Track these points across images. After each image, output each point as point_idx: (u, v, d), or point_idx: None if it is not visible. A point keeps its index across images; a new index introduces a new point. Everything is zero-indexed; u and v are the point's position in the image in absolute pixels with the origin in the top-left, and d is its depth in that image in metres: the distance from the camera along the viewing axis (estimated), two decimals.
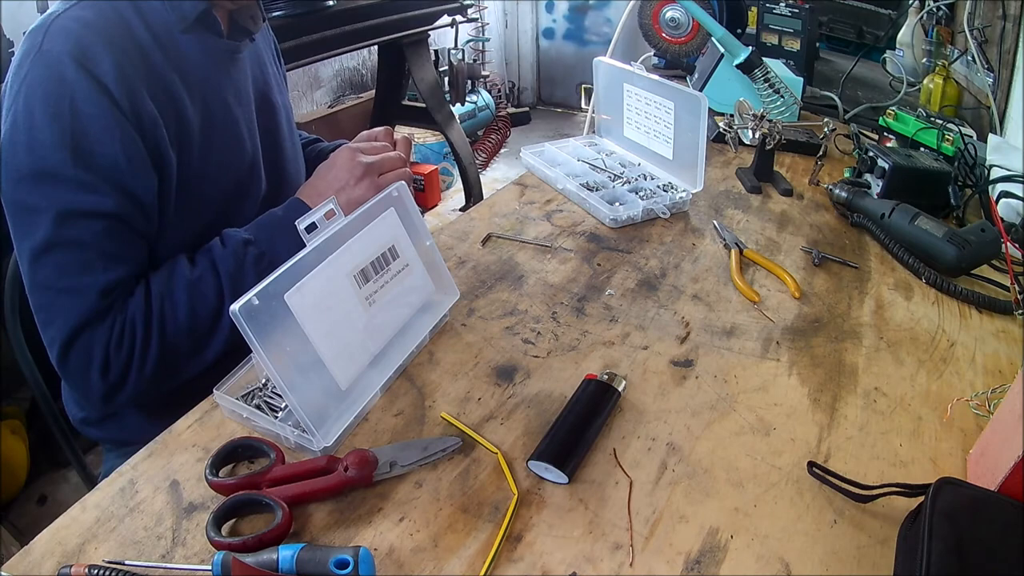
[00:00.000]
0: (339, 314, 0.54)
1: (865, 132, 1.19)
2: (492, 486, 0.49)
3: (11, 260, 0.75)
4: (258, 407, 0.54)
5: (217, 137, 0.68)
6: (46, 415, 0.87)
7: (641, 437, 0.54)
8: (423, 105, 2.63)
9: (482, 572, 0.43)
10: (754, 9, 1.46)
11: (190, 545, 0.44)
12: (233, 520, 0.46)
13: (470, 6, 2.74)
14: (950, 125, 1.08)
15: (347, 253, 0.55)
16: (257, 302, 0.46)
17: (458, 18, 2.68)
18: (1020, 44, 1.16)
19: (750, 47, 1.15)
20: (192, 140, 0.65)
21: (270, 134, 0.79)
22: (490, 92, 3.60)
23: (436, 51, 2.94)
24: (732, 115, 1.02)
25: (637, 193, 0.91)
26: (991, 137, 1.08)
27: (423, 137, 3.05)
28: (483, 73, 3.44)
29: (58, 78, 0.54)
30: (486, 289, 0.71)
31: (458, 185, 2.91)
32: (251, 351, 0.52)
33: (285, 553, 0.41)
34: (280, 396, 0.55)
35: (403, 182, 0.65)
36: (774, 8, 1.45)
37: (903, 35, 1.57)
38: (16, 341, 0.83)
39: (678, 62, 1.59)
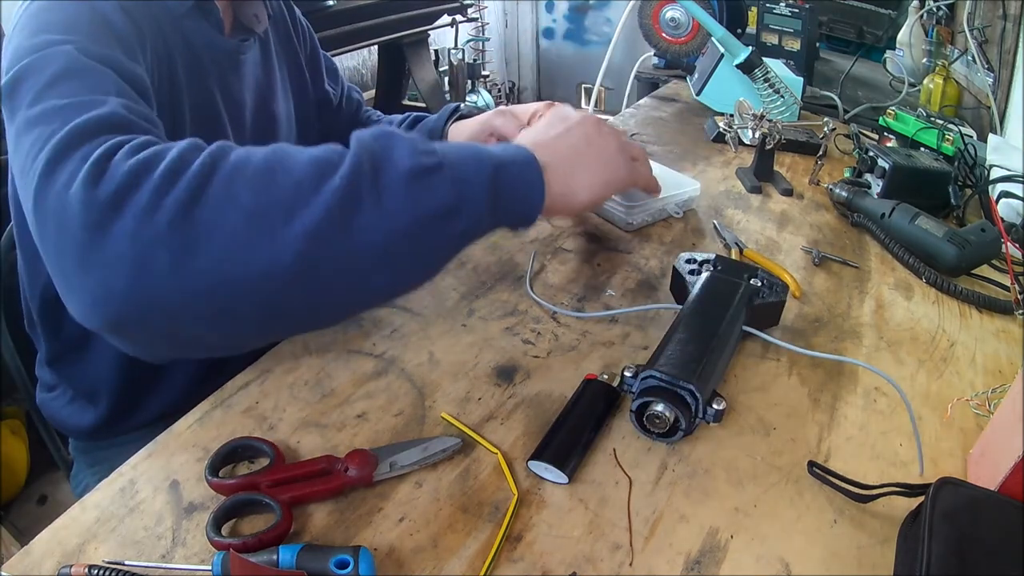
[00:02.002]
0: None
1: (865, 132, 1.19)
2: (492, 486, 0.49)
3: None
4: None
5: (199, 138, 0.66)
6: (37, 424, 0.87)
7: (641, 437, 0.54)
8: (423, 105, 2.63)
9: (482, 572, 0.43)
10: (754, 9, 1.46)
11: (190, 545, 0.44)
12: (233, 520, 0.46)
13: (470, 6, 2.74)
14: (950, 125, 1.08)
15: None
16: None
17: (458, 18, 2.69)
18: (1020, 44, 1.16)
19: (750, 47, 1.15)
20: (175, 134, 0.64)
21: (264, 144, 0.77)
22: (490, 92, 3.60)
23: (436, 51, 2.94)
24: (732, 115, 1.02)
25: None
26: (991, 137, 1.08)
27: None
28: (483, 73, 3.44)
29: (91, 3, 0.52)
30: (486, 289, 0.71)
31: None
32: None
33: (285, 553, 0.41)
34: None
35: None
36: (774, 8, 1.45)
37: (903, 35, 1.57)
38: (5, 346, 0.83)
39: (678, 62, 1.59)
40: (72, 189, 0.39)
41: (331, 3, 1.93)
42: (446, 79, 3.01)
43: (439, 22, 2.58)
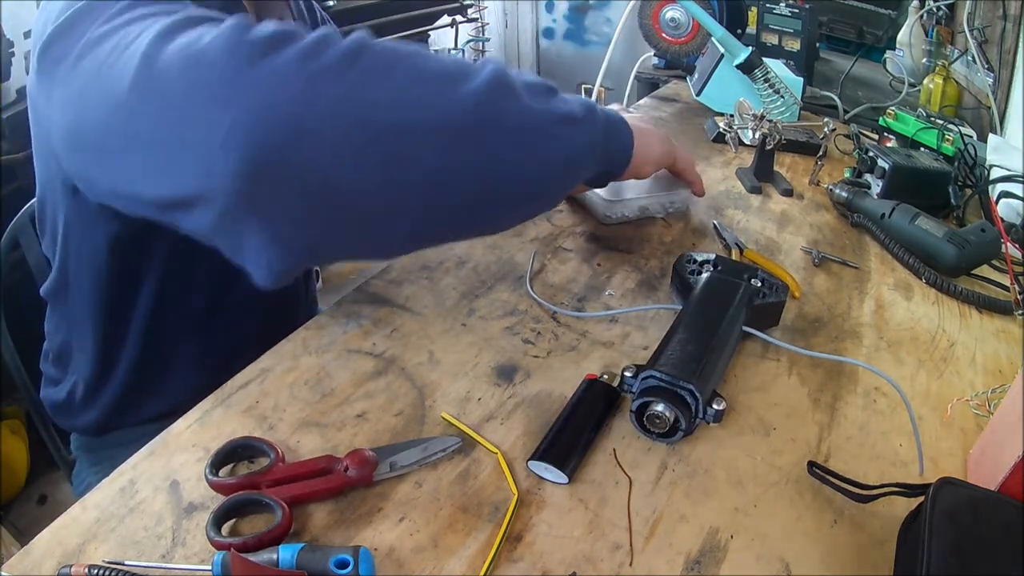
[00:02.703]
0: None
1: (865, 132, 1.19)
2: (492, 486, 0.49)
3: None
4: None
5: None
6: (37, 424, 0.87)
7: (641, 437, 0.54)
8: None
9: (482, 572, 0.43)
10: (754, 9, 1.46)
11: (190, 545, 0.44)
12: (233, 520, 0.46)
13: (470, 6, 2.74)
14: (950, 125, 1.08)
15: None
16: None
17: (458, 18, 2.68)
18: (1020, 44, 1.16)
19: (750, 47, 1.15)
20: None
21: None
22: None
23: (436, 51, 2.94)
24: (732, 115, 1.02)
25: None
26: (991, 137, 1.08)
27: None
28: None
29: None
30: (486, 289, 0.71)
31: None
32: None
33: (285, 553, 0.41)
34: None
35: None
36: (774, 8, 1.45)
37: (903, 35, 1.57)
38: (5, 345, 0.83)
39: (678, 62, 1.59)
40: (207, 39, 0.36)
41: (331, 3, 1.93)
42: None
43: (439, 22, 2.58)
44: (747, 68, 1.15)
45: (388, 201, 0.42)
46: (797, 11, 1.43)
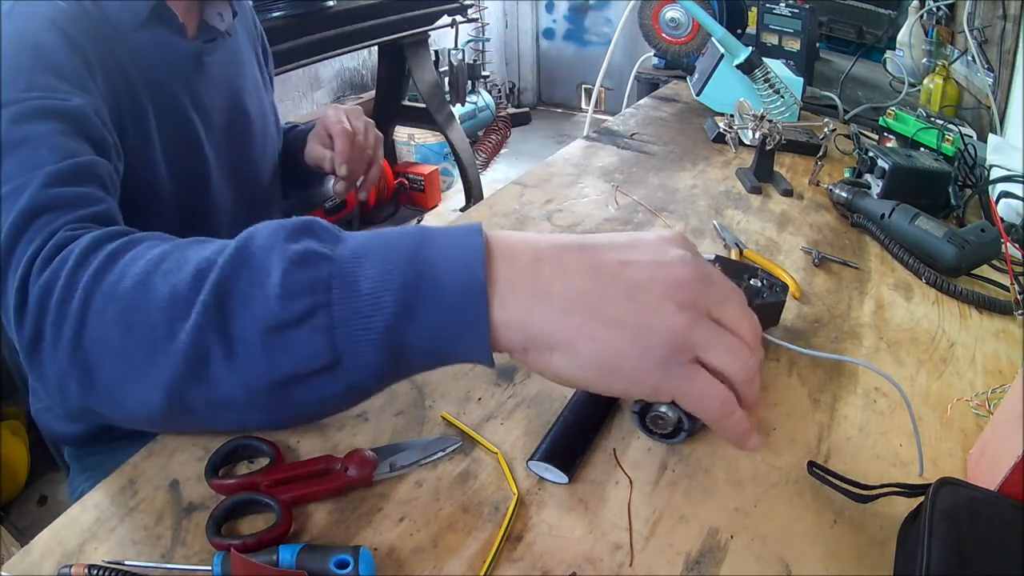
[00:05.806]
0: None
1: (865, 132, 1.19)
2: (492, 486, 0.49)
3: None
4: None
5: (170, 146, 0.67)
6: (38, 425, 0.87)
7: (641, 437, 0.54)
8: (423, 106, 2.63)
9: (482, 572, 0.43)
10: (754, 9, 1.46)
11: (190, 545, 0.44)
12: (233, 520, 0.46)
13: (470, 6, 2.74)
14: (950, 125, 1.08)
15: None
16: None
17: (458, 18, 2.69)
18: (1020, 44, 1.16)
19: (750, 47, 1.15)
20: (144, 145, 0.65)
21: (238, 144, 0.78)
22: (490, 92, 3.60)
23: (436, 51, 2.95)
24: (732, 115, 1.02)
25: None
26: (991, 137, 1.08)
27: (423, 137, 3.06)
28: (483, 74, 3.45)
29: (33, 39, 0.55)
30: None
31: (458, 185, 2.92)
32: None
33: (285, 553, 0.41)
34: None
35: None
36: (774, 8, 1.45)
37: (903, 35, 1.57)
38: (5, 346, 0.83)
39: (678, 62, 1.59)
40: (10, 316, 0.45)
41: (331, 4, 1.93)
42: (446, 80, 3.01)
43: (439, 23, 2.58)
44: (747, 68, 1.15)
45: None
46: (797, 11, 1.43)
